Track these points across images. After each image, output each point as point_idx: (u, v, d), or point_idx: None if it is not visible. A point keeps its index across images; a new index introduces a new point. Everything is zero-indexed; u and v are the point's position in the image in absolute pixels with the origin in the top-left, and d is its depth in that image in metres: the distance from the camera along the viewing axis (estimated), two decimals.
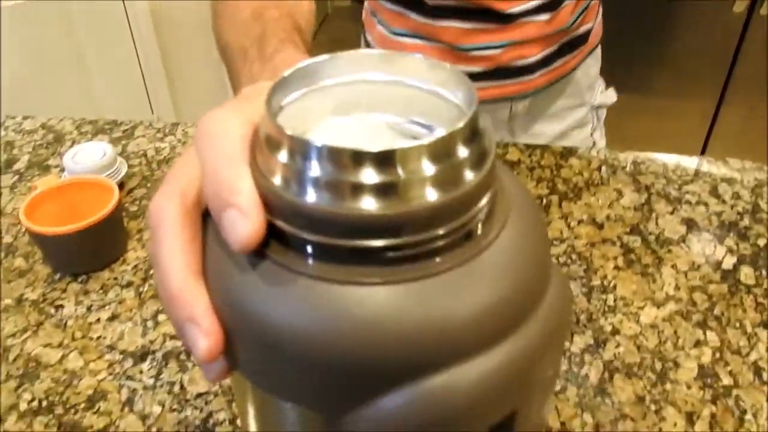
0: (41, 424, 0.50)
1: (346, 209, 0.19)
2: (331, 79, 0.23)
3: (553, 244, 0.65)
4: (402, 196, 0.19)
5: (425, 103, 0.23)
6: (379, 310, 0.19)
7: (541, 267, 0.22)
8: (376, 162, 0.18)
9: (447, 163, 0.19)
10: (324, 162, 0.19)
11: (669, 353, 0.54)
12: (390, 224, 0.19)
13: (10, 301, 0.60)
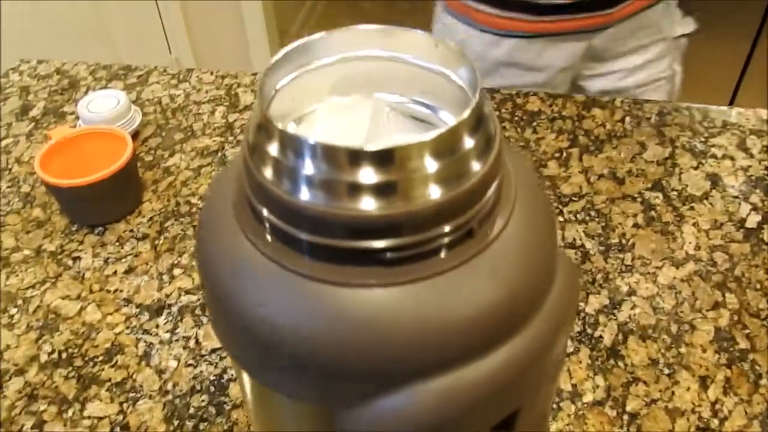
0: (61, 376, 0.51)
1: (342, 209, 0.18)
2: (328, 58, 0.22)
3: (571, 200, 0.63)
4: (402, 194, 0.18)
5: (427, 81, 0.22)
6: (379, 311, 0.18)
7: (547, 260, 0.21)
8: (375, 161, 0.17)
9: (450, 158, 0.18)
10: (318, 160, 0.18)
11: (686, 315, 0.54)
12: (389, 225, 0.18)
13: (29, 252, 0.61)
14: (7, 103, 0.77)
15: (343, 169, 0.17)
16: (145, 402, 0.49)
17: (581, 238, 0.60)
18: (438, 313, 0.18)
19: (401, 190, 0.18)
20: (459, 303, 0.19)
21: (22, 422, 0.48)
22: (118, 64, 0.83)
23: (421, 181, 0.18)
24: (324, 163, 0.18)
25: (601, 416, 0.48)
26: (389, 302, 0.18)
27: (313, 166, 0.18)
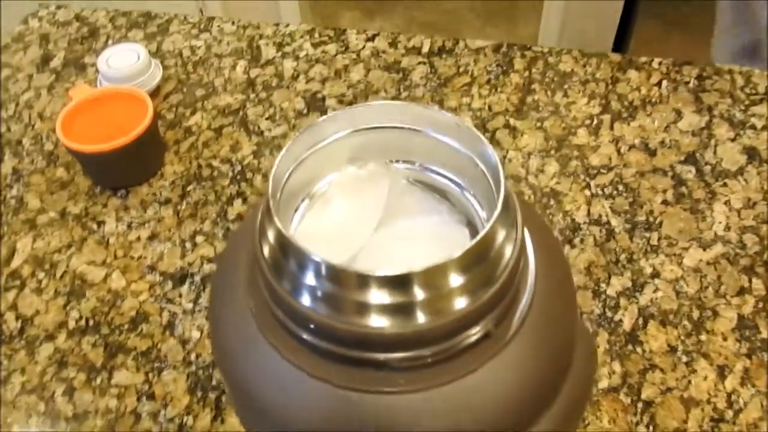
0: (89, 343, 0.53)
1: (354, 325, 0.17)
2: (345, 131, 0.21)
3: (600, 172, 0.62)
4: (423, 312, 0.17)
5: (447, 155, 0.21)
6: (396, 417, 0.18)
7: (566, 343, 0.21)
8: (386, 284, 0.17)
9: (472, 272, 0.17)
10: (333, 282, 0.17)
11: (709, 301, 0.53)
12: (403, 341, 0.17)
13: (54, 215, 0.61)
14: (28, 53, 0.76)
15: (355, 291, 0.17)
16: (170, 372, 0.51)
17: (607, 215, 0.59)
18: (457, 415, 0.18)
19: (418, 309, 0.17)
20: (479, 404, 0.18)
21: (54, 388, 0.50)
22: (137, 11, 0.80)
23: (440, 298, 0.17)
24: (338, 285, 0.17)
25: (616, 403, 0.48)
26: (406, 407, 0.18)
27: (327, 286, 0.17)
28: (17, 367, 0.52)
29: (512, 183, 0.61)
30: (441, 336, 0.18)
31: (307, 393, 0.19)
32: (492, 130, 0.66)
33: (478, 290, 0.18)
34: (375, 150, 0.22)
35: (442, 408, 0.18)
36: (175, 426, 0.48)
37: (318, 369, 0.18)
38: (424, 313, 0.17)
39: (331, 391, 0.18)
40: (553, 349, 0.20)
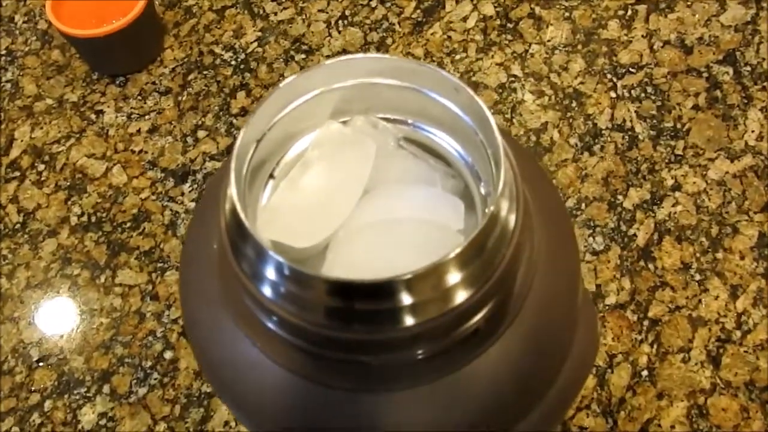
0: (91, 240, 0.52)
1: (325, 327, 0.16)
2: (331, 84, 0.18)
3: (628, 71, 0.57)
4: (410, 315, 0.15)
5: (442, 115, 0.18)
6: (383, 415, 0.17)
7: (566, 325, 0.19)
8: (372, 291, 0.15)
9: (460, 273, 0.15)
10: (300, 286, 0.15)
11: (730, 217, 0.51)
12: (385, 346, 0.16)
13: (51, 102, 0.59)
14: None
15: (324, 296, 0.15)
16: (173, 273, 0.51)
17: (632, 120, 0.55)
18: (443, 412, 0.17)
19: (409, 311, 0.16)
20: (466, 400, 0.17)
21: (59, 285, 0.51)
22: None
23: (436, 298, 0.15)
24: (304, 288, 0.15)
25: (621, 320, 0.47)
26: (389, 405, 0.17)
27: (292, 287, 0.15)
28: (21, 261, 0.52)
29: (533, 81, 0.57)
30: (427, 338, 0.16)
31: (277, 383, 0.17)
32: (515, 20, 0.61)
33: (469, 289, 0.16)
34: (361, 104, 0.19)
35: (428, 405, 0.17)
36: (179, 327, 0.49)
37: (288, 360, 0.17)
38: (411, 316, 0.16)
39: (304, 385, 0.17)
40: (547, 340, 0.18)
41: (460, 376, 0.17)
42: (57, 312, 0.49)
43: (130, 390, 0.47)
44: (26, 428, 0.46)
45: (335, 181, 0.19)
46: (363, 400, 0.17)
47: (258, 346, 0.17)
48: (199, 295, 0.19)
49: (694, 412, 0.44)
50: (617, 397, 0.45)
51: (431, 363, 0.17)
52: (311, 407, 0.17)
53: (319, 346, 0.16)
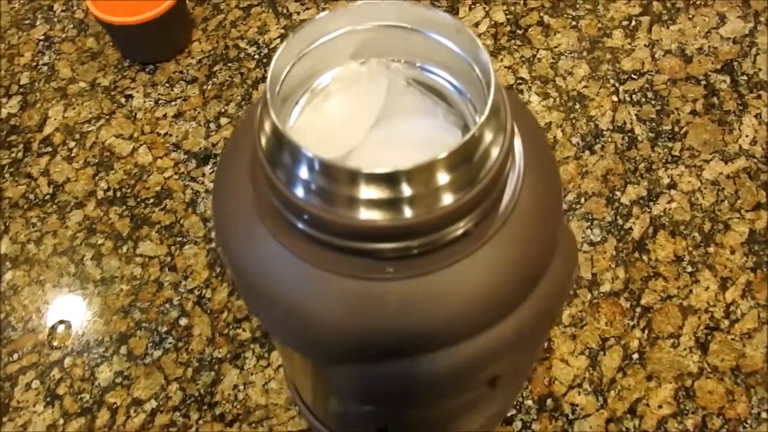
0: (116, 213, 0.55)
1: (344, 218, 0.18)
2: (345, 28, 0.21)
3: (630, 77, 0.60)
4: (409, 207, 0.18)
5: (447, 57, 0.21)
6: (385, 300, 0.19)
7: (548, 242, 0.22)
8: (380, 181, 0.17)
9: (456, 172, 0.18)
10: (324, 176, 0.18)
11: (723, 214, 0.53)
12: (393, 234, 0.18)
13: (84, 85, 0.62)
14: None
15: (347, 186, 0.18)
16: (191, 247, 0.53)
17: (632, 122, 0.58)
18: (439, 302, 0.19)
19: (406, 205, 0.18)
20: (459, 292, 0.20)
21: (83, 252, 0.54)
22: None
23: (429, 194, 0.18)
24: (329, 180, 0.18)
25: (615, 307, 0.50)
26: (391, 293, 0.19)
27: (319, 180, 0.18)
28: (49, 229, 0.55)
29: (539, 84, 0.60)
30: (426, 230, 0.19)
31: (297, 275, 0.20)
32: (525, 27, 0.64)
33: (461, 190, 0.19)
34: (376, 48, 0.22)
35: (425, 295, 0.20)
36: (194, 297, 0.51)
37: (309, 254, 0.20)
38: (411, 208, 0.18)
39: (320, 275, 0.20)
40: (533, 248, 0.21)
41: (453, 270, 0.19)
42: (80, 277, 0.52)
43: (146, 352, 0.49)
44: (46, 382, 0.48)
45: (352, 110, 0.22)
46: (369, 287, 0.20)
47: (281, 242, 0.20)
48: (232, 201, 0.22)
49: (681, 393, 0.46)
50: (608, 378, 0.47)
51: (431, 257, 0.20)
52: (321, 292, 0.20)
53: (338, 236, 0.19)
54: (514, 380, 0.27)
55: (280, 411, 0.47)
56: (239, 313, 0.51)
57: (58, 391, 0.48)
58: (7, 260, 0.53)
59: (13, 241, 0.54)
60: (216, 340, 0.50)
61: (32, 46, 0.65)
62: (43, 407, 0.48)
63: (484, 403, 0.26)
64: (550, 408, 0.46)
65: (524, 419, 0.46)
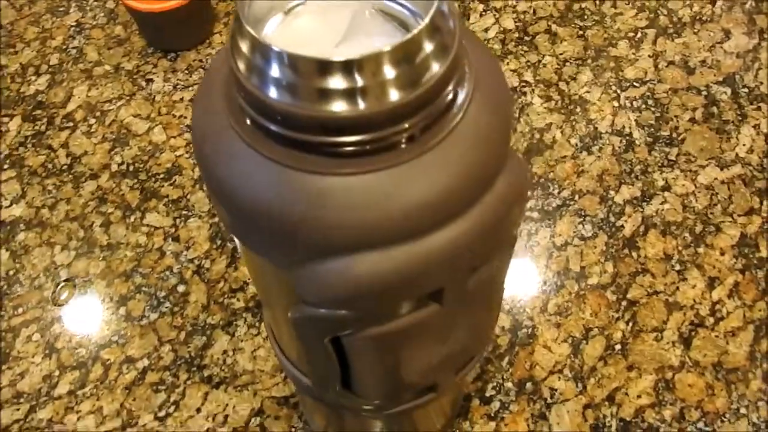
0: (127, 185, 0.58)
1: (303, 109, 0.20)
2: None
3: (632, 85, 0.62)
4: (364, 98, 0.20)
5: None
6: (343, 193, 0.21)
7: (498, 150, 0.23)
8: (339, 69, 0.19)
9: (410, 63, 0.20)
10: (284, 67, 0.20)
11: (715, 217, 0.54)
12: (349, 125, 0.20)
13: (109, 68, 0.66)
14: None
15: (307, 76, 0.20)
16: (195, 221, 0.56)
17: (631, 127, 0.59)
18: (391, 196, 0.21)
19: (363, 95, 0.20)
20: (414, 188, 0.21)
21: (93, 219, 0.56)
22: None
23: (382, 86, 0.20)
24: (288, 69, 0.20)
25: (601, 299, 0.51)
26: (352, 186, 0.21)
27: (279, 71, 0.20)
28: (63, 197, 0.57)
29: (542, 87, 0.62)
30: (375, 124, 0.20)
31: (264, 175, 0.22)
32: (532, 34, 0.66)
33: (406, 88, 0.20)
34: None
35: (380, 191, 0.21)
36: (193, 266, 0.53)
37: (275, 153, 0.22)
38: (364, 101, 0.20)
39: (287, 173, 0.21)
40: (477, 161, 0.22)
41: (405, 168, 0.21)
42: (88, 242, 0.55)
43: (143, 314, 0.51)
44: (47, 335, 0.50)
45: (319, 29, 0.24)
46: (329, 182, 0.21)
47: (246, 141, 0.22)
48: (206, 110, 0.24)
49: (661, 385, 0.47)
50: (589, 366, 0.48)
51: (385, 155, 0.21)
52: (283, 187, 0.22)
53: (302, 130, 0.21)
54: (467, 312, 0.28)
55: (265, 377, 0.48)
56: (235, 284, 0.52)
57: (57, 345, 0.50)
58: (21, 222, 0.56)
59: (29, 205, 0.57)
60: (210, 308, 0.51)
61: (64, 31, 0.69)
62: (41, 359, 0.50)
63: (439, 330, 0.27)
64: (529, 391, 0.47)
65: (503, 400, 0.47)
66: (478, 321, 0.30)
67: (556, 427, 0.46)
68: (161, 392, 0.48)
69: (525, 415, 0.46)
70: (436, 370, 0.31)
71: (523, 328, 0.49)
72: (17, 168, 0.59)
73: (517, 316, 0.50)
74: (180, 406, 0.47)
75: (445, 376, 0.32)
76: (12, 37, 0.69)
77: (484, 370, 0.48)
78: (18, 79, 0.65)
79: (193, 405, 0.47)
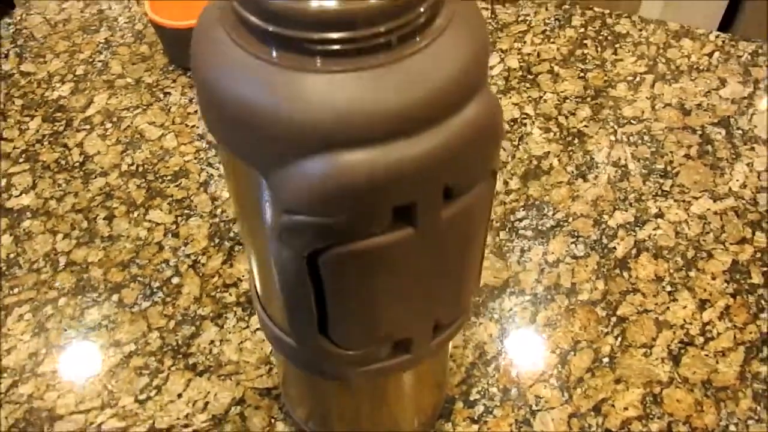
0: (134, 184, 0.60)
1: (291, 3, 0.22)
2: None
3: (630, 122, 0.64)
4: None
5: None
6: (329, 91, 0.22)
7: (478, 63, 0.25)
8: None
9: None
10: None
11: (707, 244, 0.54)
12: (333, 21, 0.22)
13: (130, 80, 0.69)
14: None
15: None
16: (196, 220, 0.57)
17: (627, 159, 0.61)
18: (369, 96, 0.22)
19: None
20: (391, 91, 0.23)
21: (97, 213, 0.58)
22: None
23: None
24: None
25: (591, 314, 0.51)
26: (332, 84, 0.22)
27: None
28: (72, 190, 0.59)
29: (542, 120, 0.64)
30: (361, 21, 0.22)
31: (249, 71, 0.23)
32: (535, 74, 0.69)
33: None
34: None
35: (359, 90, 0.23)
36: (190, 261, 0.54)
37: (260, 50, 0.23)
38: None
39: (270, 69, 0.23)
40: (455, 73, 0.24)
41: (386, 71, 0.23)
42: (90, 232, 0.56)
43: (135, 302, 0.52)
44: (38, 316, 0.51)
45: None
46: (308, 79, 0.23)
47: (232, 38, 0.24)
48: (203, 15, 0.26)
49: (649, 398, 0.46)
50: (576, 377, 0.47)
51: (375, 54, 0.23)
52: (266, 83, 0.23)
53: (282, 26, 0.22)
54: (441, 252, 0.29)
55: (250, 369, 0.48)
56: (229, 279, 0.53)
57: (47, 325, 0.50)
58: (28, 211, 0.58)
59: (37, 195, 0.59)
60: (202, 300, 0.52)
61: (92, 47, 0.73)
62: (30, 337, 0.50)
63: (413, 264, 0.28)
64: (514, 397, 0.46)
65: (487, 404, 0.46)
66: (452, 271, 0.31)
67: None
68: (144, 376, 0.48)
69: (509, 420, 0.45)
70: (411, 321, 0.31)
71: (511, 337, 0.49)
72: (31, 162, 0.62)
73: (505, 325, 0.50)
74: (162, 390, 0.47)
75: (420, 332, 0.32)
76: (43, 48, 0.73)
77: (470, 374, 0.48)
78: (44, 84, 0.69)
79: (175, 390, 0.47)
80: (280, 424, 0.45)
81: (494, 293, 0.52)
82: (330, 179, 0.24)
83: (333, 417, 0.43)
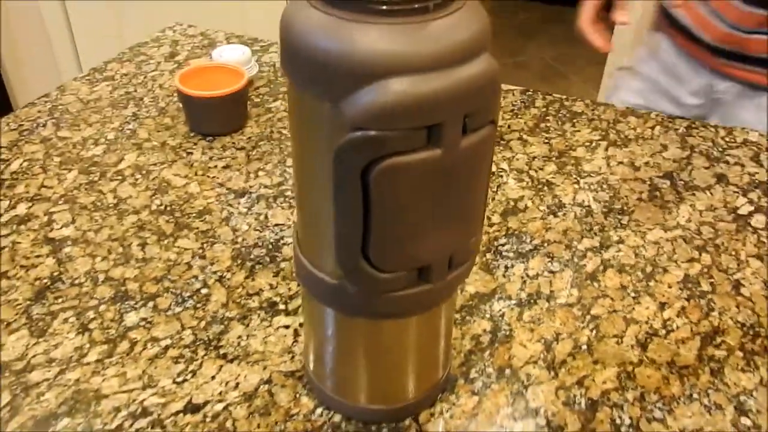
0: (164, 220, 0.68)
1: None
2: None
3: (590, 175, 0.75)
4: None
5: None
6: (369, 36, 0.33)
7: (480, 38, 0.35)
8: None
9: None
10: None
11: (662, 262, 0.64)
12: None
13: (156, 143, 0.79)
14: (160, 49, 0.98)
15: None
16: (220, 245, 0.65)
17: (589, 201, 0.71)
18: (409, 41, 0.33)
19: None
20: (425, 39, 0.33)
21: (132, 241, 0.65)
22: (248, 36, 1.03)
23: None
24: None
25: (569, 314, 0.59)
26: (380, 31, 0.33)
27: None
28: (108, 224, 0.67)
29: (516, 173, 0.75)
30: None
31: (331, 27, 0.33)
32: (507, 140, 0.81)
33: None
34: None
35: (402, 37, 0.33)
36: (216, 276, 0.61)
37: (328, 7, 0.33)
38: None
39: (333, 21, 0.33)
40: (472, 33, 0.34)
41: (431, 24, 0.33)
42: (125, 255, 0.63)
43: (169, 308, 0.58)
44: (81, 318, 0.57)
45: None
46: (372, 28, 0.33)
47: (314, 6, 0.34)
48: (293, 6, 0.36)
49: (623, 375, 0.53)
50: (560, 359, 0.55)
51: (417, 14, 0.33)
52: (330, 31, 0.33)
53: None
54: (458, 182, 0.38)
55: (275, 356, 0.54)
56: (252, 290, 0.60)
57: (90, 326, 0.56)
58: (68, 240, 0.65)
59: (77, 228, 0.66)
60: (229, 305, 0.58)
61: (121, 119, 0.83)
62: (74, 335, 0.55)
63: (439, 184, 0.37)
64: (508, 375, 0.53)
65: (485, 381, 0.53)
66: (464, 204, 0.40)
67: (533, 402, 0.51)
68: (180, 363, 0.53)
69: (505, 392, 0.52)
70: (434, 247, 0.40)
71: (502, 331, 0.57)
72: (70, 204, 0.69)
73: (497, 322, 0.58)
74: (196, 374, 0.53)
75: (439, 262, 0.40)
76: (77, 119, 0.82)
77: (468, 359, 0.54)
78: (78, 146, 0.78)
79: (209, 374, 0.53)
80: (304, 398, 0.51)
81: (484, 298, 0.60)
82: (387, 98, 0.33)
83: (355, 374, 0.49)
